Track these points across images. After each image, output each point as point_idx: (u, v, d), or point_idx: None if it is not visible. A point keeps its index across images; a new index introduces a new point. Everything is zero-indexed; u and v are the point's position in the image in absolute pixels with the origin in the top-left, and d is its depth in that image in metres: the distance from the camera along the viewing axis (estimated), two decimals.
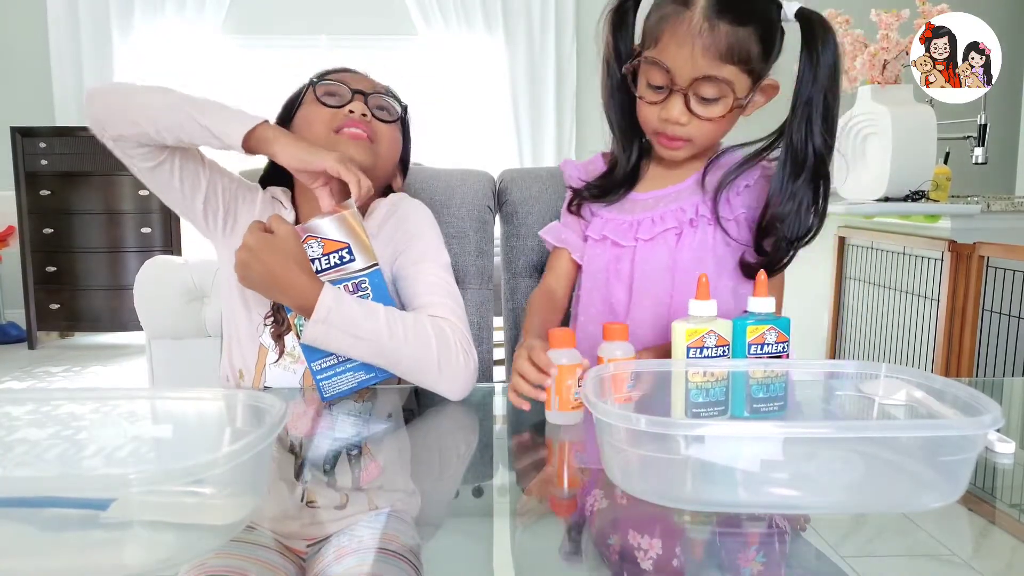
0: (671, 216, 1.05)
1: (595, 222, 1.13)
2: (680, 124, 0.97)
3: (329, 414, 0.95)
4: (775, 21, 0.95)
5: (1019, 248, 2.09)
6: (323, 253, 0.94)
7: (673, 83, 0.94)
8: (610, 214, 1.12)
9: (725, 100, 0.95)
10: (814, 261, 3.06)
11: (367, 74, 1.22)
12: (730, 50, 0.91)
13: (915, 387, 0.76)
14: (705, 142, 1.01)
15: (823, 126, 0.95)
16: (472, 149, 4.54)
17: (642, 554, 0.61)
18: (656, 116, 0.98)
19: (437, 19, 4.46)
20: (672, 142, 1.00)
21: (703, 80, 0.93)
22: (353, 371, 0.95)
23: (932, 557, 0.64)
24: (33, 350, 4.06)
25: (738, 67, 0.93)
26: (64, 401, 0.79)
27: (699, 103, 0.95)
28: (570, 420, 0.88)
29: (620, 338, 0.91)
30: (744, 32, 0.92)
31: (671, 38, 0.93)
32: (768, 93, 1.00)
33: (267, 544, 0.70)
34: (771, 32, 0.95)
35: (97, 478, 0.64)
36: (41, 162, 3.98)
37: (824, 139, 0.95)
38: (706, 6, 0.92)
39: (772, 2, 0.95)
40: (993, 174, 4.05)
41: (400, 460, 0.87)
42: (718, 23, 0.91)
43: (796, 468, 0.66)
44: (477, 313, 1.38)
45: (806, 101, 0.95)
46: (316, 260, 0.94)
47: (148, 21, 4.37)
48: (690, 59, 0.92)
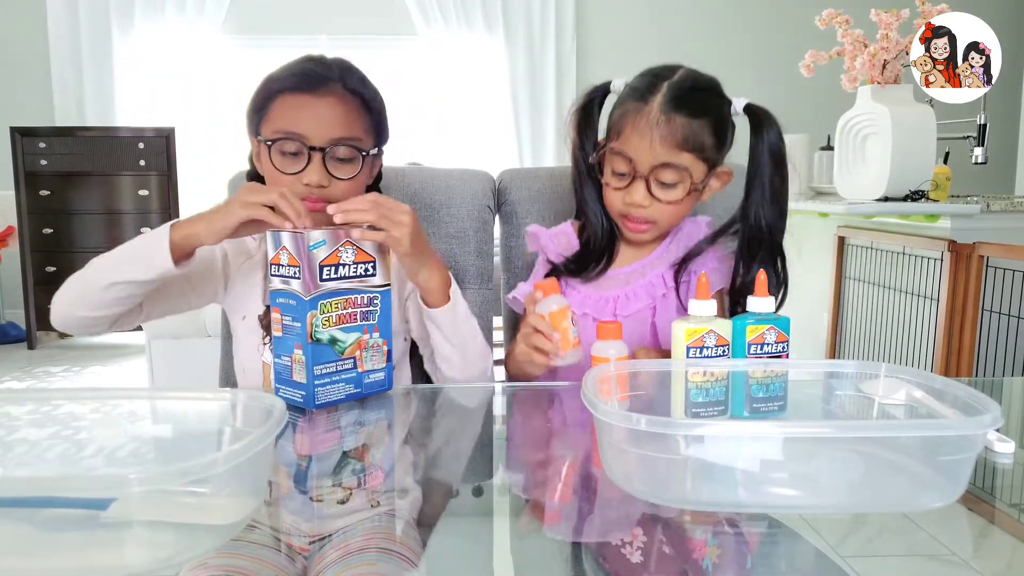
0: (643, 291, 1.13)
1: (571, 295, 1.17)
2: (643, 207, 1.06)
3: (330, 414, 0.95)
4: (726, 115, 1.06)
5: (1019, 248, 2.10)
6: (354, 261, 0.96)
7: (635, 170, 1.04)
8: (587, 290, 1.17)
9: (683, 185, 1.04)
10: (814, 261, 3.06)
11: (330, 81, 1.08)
12: (686, 140, 1.02)
13: (915, 387, 0.76)
14: (666, 224, 1.10)
15: (774, 205, 1.05)
16: (472, 149, 4.54)
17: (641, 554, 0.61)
18: (621, 200, 1.07)
19: (437, 19, 4.46)
20: (636, 224, 1.09)
21: (662, 167, 1.03)
22: (345, 383, 0.97)
23: (932, 557, 0.64)
24: (33, 350, 4.07)
25: (694, 155, 1.03)
26: (64, 401, 0.79)
27: (659, 187, 1.04)
28: (575, 358, 0.98)
29: (614, 337, 0.94)
30: (698, 124, 1.03)
31: (633, 130, 1.04)
32: (723, 179, 1.10)
33: (268, 543, 0.70)
34: (723, 125, 1.06)
35: (97, 478, 0.64)
36: (41, 162, 3.98)
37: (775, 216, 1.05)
38: (663, 101, 1.03)
39: (722, 98, 1.07)
40: (993, 174, 4.05)
41: (401, 460, 0.87)
42: (674, 116, 1.02)
43: (796, 468, 0.66)
44: (477, 313, 1.38)
45: (757, 184, 1.05)
46: (346, 266, 0.95)
47: (148, 21, 4.37)
48: (650, 148, 1.02)
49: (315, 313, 0.93)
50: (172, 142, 4.03)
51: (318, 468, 0.82)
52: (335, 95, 1.08)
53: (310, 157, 1.06)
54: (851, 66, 2.48)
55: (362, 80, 1.12)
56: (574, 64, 4.59)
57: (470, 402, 1.08)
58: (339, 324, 0.95)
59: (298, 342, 0.94)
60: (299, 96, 1.07)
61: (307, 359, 0.93)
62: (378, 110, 1.14)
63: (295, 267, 0.92)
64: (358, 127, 1.09)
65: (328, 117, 1.06)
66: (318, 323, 0.93)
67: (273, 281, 0.96)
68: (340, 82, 1.09)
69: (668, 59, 1.12)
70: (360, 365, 0.98)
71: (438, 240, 1.37)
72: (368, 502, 0.74)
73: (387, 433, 0.96)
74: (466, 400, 1.09)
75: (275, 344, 0.97)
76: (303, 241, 0.91)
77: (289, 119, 1.07)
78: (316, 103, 1.06)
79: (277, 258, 0.95)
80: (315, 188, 1.06)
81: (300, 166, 1.06)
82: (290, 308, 0.94)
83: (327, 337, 0.94)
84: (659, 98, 1.03)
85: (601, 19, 4.65)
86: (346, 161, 1.08)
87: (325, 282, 0.93)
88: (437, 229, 1.37)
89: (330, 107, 1.07)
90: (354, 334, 0.97)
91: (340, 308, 0.95)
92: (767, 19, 4.63)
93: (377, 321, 0.99)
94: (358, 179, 1.10)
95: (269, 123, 1.08)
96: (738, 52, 4.64)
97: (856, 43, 2.47)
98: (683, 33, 4.63)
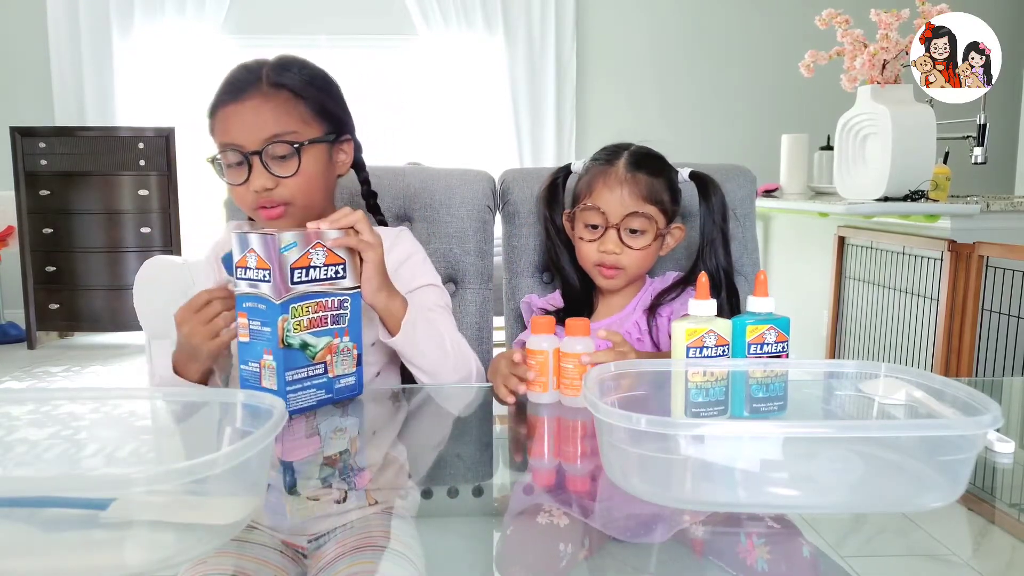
0: None
1: None
2: (615, 254, 1.19)
3: (330, 414, 0.95)
4: (675, 180, 1.26)
5: (1019, 248, 2.10)
6: (324, 263, 0.94)
7: (607, 221, 1.19)
8: None
9: (649, 232, 1.20)
10: (814, 261, 3.06)
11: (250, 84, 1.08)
12: (650, 193, 1.20)
13: (915, 387, 0.76)
14: (635, 270, 1.22)
15: (724, 252, 1.24)
16: (472, 149, 4.53)
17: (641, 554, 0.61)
18: (595, 250, 1.21)
19: (437, 19, 4.46)
20: (609, 271, 1.21)
21: (631, 216, 1.18)
22: (317, 388, 0.94)
23: (932, 557, 0.64)
24: (33, 350, 4.06)
25: (656, 207, 1.20)
26: (64, 401, 0.79)
27: (629, 235, 1.19)
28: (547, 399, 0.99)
29: (582, 333, 0.97)
30: (657, 182, 1.21)
31: (604, 186, 1.20)
32: (677, 236, 1.26)
33: (267, 543, 0.70)
34: (674, 186, 1.25)
35: (97, 478, 0.64)
36: (41, 162, 3.98)
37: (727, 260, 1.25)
38: (627, 163, 1.21)
39: (670, 167, 1.26)
40: (993, 174, 4.05)
41: (400, 459, 0.87)
42: (637, 174, 1.20)
43: (796, 468, 0.66)
44: (477, 313, 1.38)
45: (709, 236, 1.24)
46: (317, 268, 0.93)
47: (148, 21, 4.37)
48: (620, 200, 1.19)
49: (287, 317, 0.90)
50: (172, 142, 4.03)
51: (318, 468, 0.82)
52: (258, 95, 1.06)
53: (250, 163, 1.05)
54: (851, 66, 2.48)
55: (284, 69, 1.09)
56: (574, 64, 4.58)
57: (470, 401, 1.08)
58: (310, 328, 0.93)
59: (267, 347, 0.91)
60: (227, 107, 1.07)
61: (278, 365, 0.90)
62: (314, 96, 1.10)
63: (264, 270, 0.89)
64: (290, 120, 1.07)
65: (254, 119, 1.06)
66: (289, 327, 0.90)
67: (240, 285, 0.93)
68: (262, 81, 1.07)
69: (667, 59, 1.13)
70: (331, 370, 0.96)
71: (438, 240, 1.37)
72: (367, 499, 0.74)
73: (387, 432, 0.96)
74: (466, 400, 1.09)
75: (241, 350, 0.94)
76: (274, 243, 0.89)
77: (224, 131, 1.07)
78: (242, 109, 1.06)
79: (244, 261, 0.92)
80: (263, 193, 1.06)
81: (245, 175, 1.06)
82: (259, 312, 0.91)
83: (298, 342, 0.92)
84: (623, 161, 1.21)
85: (601, 19, 4.65)
86: (285, 157, 1.06)
87: (296, 285, 0.90)
88: (437, 229, 1.37)
89: (255, 108, 1.06)
90: (325, 338, 0.94)
91: (311, 312, 0.93)
92: (767, 19, 4.63)
93: (347, 324, 0.97)
94: (305, 174, 1.08)
95: (216, 140, 1.10)
96: (738, 52, 4.63)
97: (856, 43, 2.47)
98: (683, 33, 4.63)
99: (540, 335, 1.00)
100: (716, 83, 4.64)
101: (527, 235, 1.38)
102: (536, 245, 1.38)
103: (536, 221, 1.37)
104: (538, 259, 1.39)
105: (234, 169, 1.07)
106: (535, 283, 1.39)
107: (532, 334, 1.01)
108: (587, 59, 4.65)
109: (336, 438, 0.92)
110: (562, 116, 4.58)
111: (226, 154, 1.07)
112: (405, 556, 0.65)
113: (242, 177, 1.06)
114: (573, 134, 4.62)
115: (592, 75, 4.67)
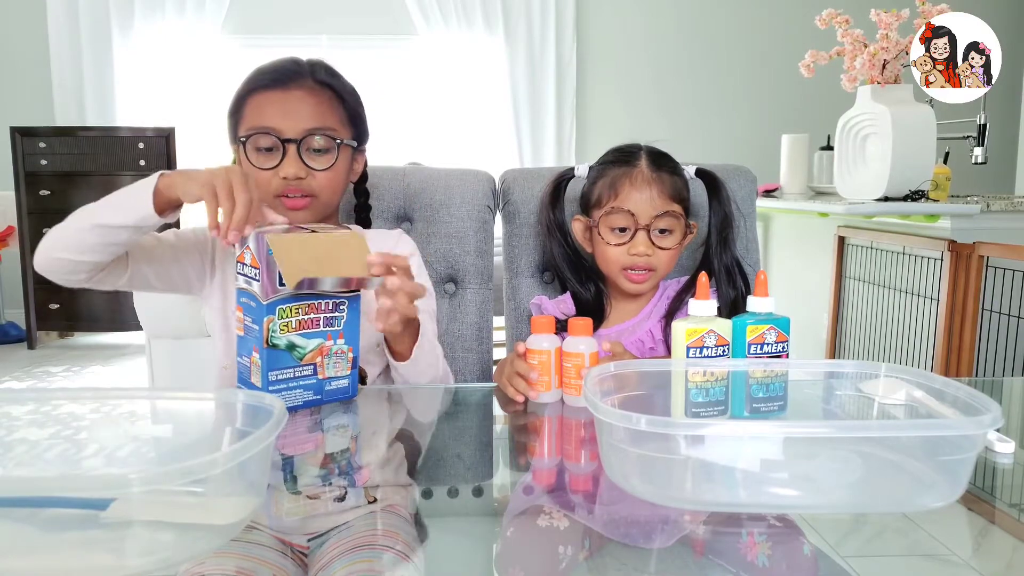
0: (634, 348, 1.17)
1: None
2: (647, 256, 1.15)
3: (331, 412, 0.95)
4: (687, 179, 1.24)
5: (1019, 248, 2.10)
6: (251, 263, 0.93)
7: (636, 223, 1.15)
8: None
9: (677, 231, 1.18)
10: (814, 261, 3.06)
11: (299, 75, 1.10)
12: (674, 191, 1.18)
13: (915, 387, 0.76)
14: (664, 271, 1.20)
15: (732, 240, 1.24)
16: (472, 149, 4.53)
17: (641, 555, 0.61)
18: (624, 253, 1.16)
19: (437, 19, 4.46)
20: (639, 274, 1.17)
21: (662, 216, 1.15)
22: (304, 389, 0.94)
23: (932, 557, 0.64)
24: (33, 350, 4.06)
25: (680, 205, 1.18)
26: (64, 401, 0.79)
27: (658, 235, 1.16)
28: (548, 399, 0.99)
29: (546, 331, 0.99)
30: (677, 179, 1.19)
31: (630, 188, 1.16)
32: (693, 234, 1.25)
33: (267, 543, 0.70)
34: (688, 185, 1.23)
35: (97, 478, 0.64)
36: (41, 162, 3.97)
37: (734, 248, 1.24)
38: (648, 162, 1.18)
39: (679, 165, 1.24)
40: (993, 174, 4.05)
41: (399, 458, 0.87)
42: (660, 172, 1.17)
43: (796, 468, 0.66)
44: (477, 313, 1.38)
45: (717, 227, 1.23)
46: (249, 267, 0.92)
47: (148, 21, 4.36)
48: (649, 200, 1.15)
49: (272, 318, 0.89)
50: (172, 142, 4.03)
51: (318, 467, 0.82)
52: (305, 87, 1.09)
53: (285, 150, 1.06)
54: (851, 66, 2.48)
55: (332, 73, 1.14)
56: (574, 64, 4.58)
57: (470, 402, 1.08)
58: (299, 330, 0.92)
59: (256, 345, 0.90)
60: (269, 92, 1.09)
61: (262, 364, 0.90)
62: (353, 103, 1.15)
63: (256, 269, 0.89)
64: (331, 117, 1.11)
65: (299, 109, 1.08)
66: (275, 328, 0.90)
67: (238, 279, 0.93)
68: (309, 76, 1.11)
69: (667, 59, 1.14)
70: (321, 372, 0.95)
71: (438, 240, 1.37)
72: (365, 498, 0.74)
73: (386, 431, 0.96)
74: (466, 400, 1.09)
75: (238, 343, 0.94)
76: (263, 244, 0.87)
77: (261, 115, 1.08)
78: (286, 97, 1.08)
79: (242, 256, 0.91)
80: (292, 181, 1.07)
81: (276, 161, 1.07)
82: (251, 309, 0.91)
83: (284, 343, 0.91)
84: (644, 160, 1.18)
85: (601, 19, 4.65)
86: (322, 151, 1.09)
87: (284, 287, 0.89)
88: (437, 229, 1.37)
89: (301, 99, 1.09)
90: (315, 340, 0.93)
91: (301, 313, 0.92)
92: (767, 19, 4.63)
93: (343, 327, 0.95)
94: (337, 170, 1.11)
95: (244, 123, 1.10)
96: (738, 52, 4.63)
97: (856, 43, 2.47)
98: (683, 33, 4.63)
99: (540, 335, 1.00)
100: (716, 83, 4.65)
101: (527, 235, 1.38)
102: (536, 245, 1.38)
103: (536, 222, 1.36)
104: (538, 259, 1.39)
105: (263, 154, 1.08)
106: (535, 283, 1.38)
107: (532, 334, 1.01)
108: (587, 59, 4.65)
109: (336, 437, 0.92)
110: (562, 116, 4.58)
111: (257, 138, 1.07)
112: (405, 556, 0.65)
113: (272, 162, 1.07)
114: (573, 134, 4.62)
115: (592, 75, 4.67)
